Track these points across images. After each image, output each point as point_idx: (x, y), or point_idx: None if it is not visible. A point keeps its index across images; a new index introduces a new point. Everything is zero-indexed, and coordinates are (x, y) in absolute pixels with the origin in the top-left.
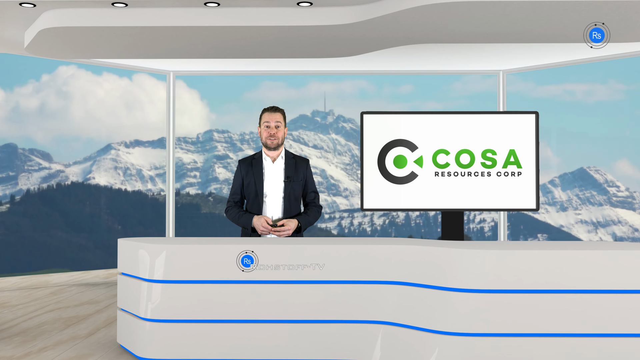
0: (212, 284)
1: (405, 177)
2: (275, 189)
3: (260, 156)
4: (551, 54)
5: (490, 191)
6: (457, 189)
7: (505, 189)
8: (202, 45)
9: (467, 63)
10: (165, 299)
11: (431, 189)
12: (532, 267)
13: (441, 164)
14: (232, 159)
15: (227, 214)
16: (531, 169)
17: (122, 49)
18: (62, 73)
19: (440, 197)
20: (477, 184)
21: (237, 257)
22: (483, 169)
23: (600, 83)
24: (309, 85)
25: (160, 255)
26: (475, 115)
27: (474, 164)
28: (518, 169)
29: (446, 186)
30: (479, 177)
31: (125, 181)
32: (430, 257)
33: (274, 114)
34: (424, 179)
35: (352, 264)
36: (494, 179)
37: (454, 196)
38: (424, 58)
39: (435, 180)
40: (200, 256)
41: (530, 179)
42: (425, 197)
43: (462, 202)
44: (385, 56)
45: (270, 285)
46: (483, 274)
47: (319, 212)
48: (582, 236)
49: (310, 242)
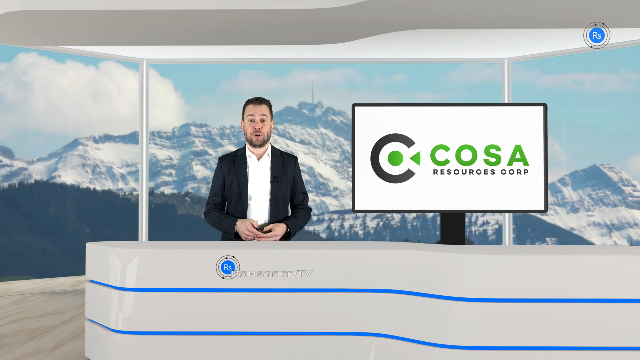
0: (189, 293)
1: (400, 176)
2: (260, 190)
3: (244, 153)
4: (561, 41)
5: (494, 191)
6: (458, 188)
7: (511, 189)
8: (179, 31)
9: (468, 50)
10: (137, 309)
11: (429, 189)
12: (540, 274)
13: (440, 161)
14: (211, 156)
15: (207, 217)
16: (539, 167)
17: (91, 34)
18: (21, 61)
19: (440, 197)
20: (479, 182)
21: (217, 262)
22: (486, 166)
23: (611, 72)
24: (291, 75)
25: (133, 260)
26: (478, 108)
27: (477, 160)
28: (524, 166)
29: (446, 185)
30: (482, 175)
31: (94, 180)
32: (428, 262)
33: (258, 107)
34: (422, 177)
35: (342, 271)
36: (498, 177)
37: (454, 196)
38: (419, 44)
39: (433, 179)
40: (176, 262)
41: (537, 178)
42: (422, 197)
43: (463, 202)
44: (376, 43)
45: (253, 293)
46: (486, 281)
47: (309, 215)
48: (595, 240)
49: (297, 246)
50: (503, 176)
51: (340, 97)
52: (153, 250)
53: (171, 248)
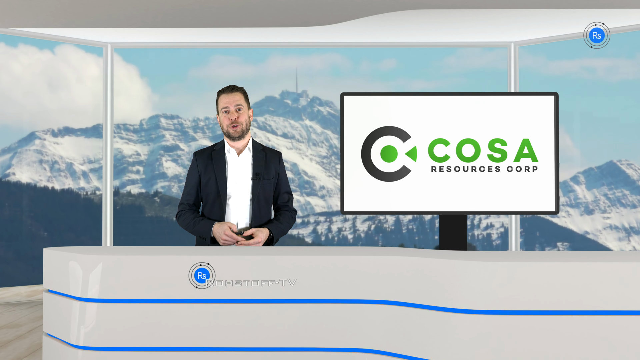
0: (158, 304)
1: (395, 173)
2: (241, 189)
3: (222, 147)
4: (574, 23)
5: (499, 190)
6: (459, 187)
7: (518, 188)
8: (148, 12)
9: (470, 33)
10: (101, 322)
11: (427, 188)
12: (550, 283)
13: (439, 156)
14: (184, 151)
15: (179, 219)
16: (549, 163)
17: (49, 15)
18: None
19: (438, 197)
20: (483, 181)
21: (190, 270)
22: (490, 162)
23: (626, 58)
24: (269, 61)
25: (96, 268)
26: (481, 97)
27: (479, 156)
28: (533, 162)
29: (445, 184)
30: (486, 172)
31: (53, 178)
32: (426, 270)
33: (232, 95)
34: (418, 175)
35: (330, 279)
36: (504, 175)
37: (454, 196)
38: (414, 27)
39: (431, 177)
40: (144, 269)
41: (548, 175)
42: (419, 197)
43: (465, 203)
44: (364, 25)
45: (230, 305)
46: (491, 291)
47: (294, 218)
48: (612, 245)
49: (279, 252)
50: (509, 174)
51: (324, 85)
52: (119, 256)
53: (139, 254)
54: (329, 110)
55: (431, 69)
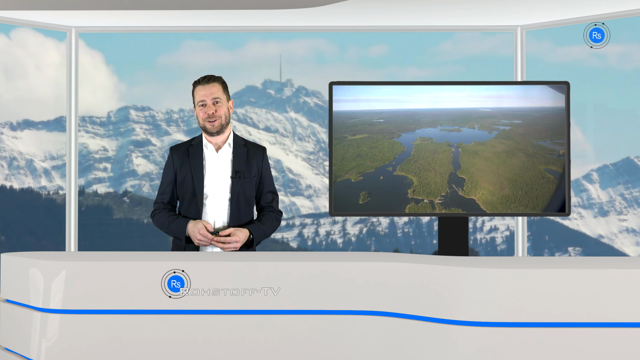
0: (128, 315)
1: None
2: (219, 188)
3: (200, 142)
4: (588, 4)
5: None
6: None
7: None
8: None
9: (470, 16)
10: (64, 336)
11: None
12: (561, 292)
13: None
14: (156, 146)
15: (154, 219)
16: (559, 160)
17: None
18: None
19: None
20: None
21: (163, 278)
22: None
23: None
24: (247, 47)
25: (59, 275)
26: (483, 87)
27: None
28: None
29: None
30: None
31: (11, 176)
32: (423, 278)
33: (208, 87)
34: None
35: (317, 288)
36: None
37: None
38: (406, 9)
39: None
40: (112, 277)
41: (558, 174)
42: None
43: (466, 204)
44: (352, 7)
45: (207, 316)
46: (495, 301)
47: (278, 220)
48: (629, 250)
49: (261, 258)
50: None
51: (307, 74)
52: (84, 262)
53: (106, 260)
54: (316, 101)
55: (425, 56)
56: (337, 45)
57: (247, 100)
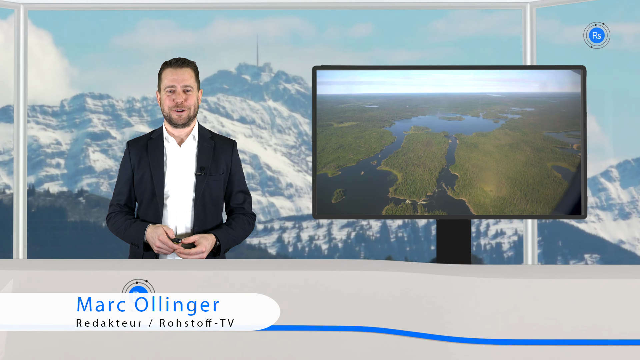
0: (85, 330)
1: None
2: (182, 187)
3: (161, 135)
4: None
5: None
6: None
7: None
8: None
9: None
10: (12, 354)
11: None
12: (576, 305)
13: None
14: (115, 139)
15: (109, 223)
16: (574, 155)
17: None
18: None
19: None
20: None
21: (123, 289)
22: None
23: None
24: (212, 26)
25: (5, 287)
26: (487, 72)
27: None
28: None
29: None
30: None
31: None
32: (420, 289)
33: (180, 72)
34: None
35: (299, 301)
36: None
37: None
38: None
39: None
40: (66, 288)
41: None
42: None
43: (468, 205)
44: None
45: (174, 333)
46: (502, 315)
47: (251, 224)
48: None
49: (237, 266)
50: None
51: (281, 56)
52: (34, 272)
53: (60, 269)
54: (298, 88)
55: (415, 36)
56: (314, 25)
57: (219, 87)
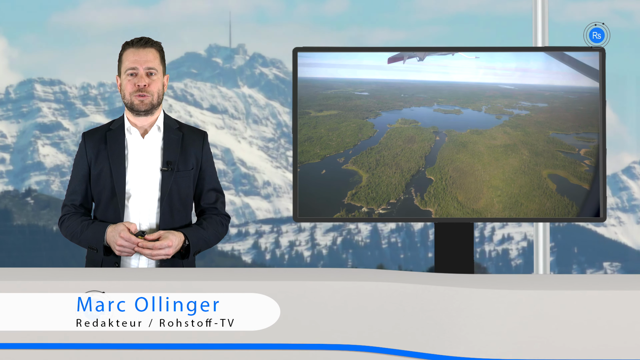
0: (33, 350)
1: None
2: (146, 184)
3: (122, 126)
4: None
5: None
6: None
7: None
8: None
9: None
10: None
11: None
12: (594, 320)
13: None
14: (68, 131)
15: (62, 227)
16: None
17: None
18: None
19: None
20: None
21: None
22: None
23: None
24: (164, 3)
25: None
26: (489, 55)
27: None
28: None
29: None
30: None
31: None
32: (416, 302)
33: (143, 52)
34: None
35: (280, 316)
36: None
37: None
38: None
39: None
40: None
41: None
42: None
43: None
44: None
45: (137, 351)
46: (508, 332)
47: (224, 225)
48: None
49: (207, 276)
50: None
51: (249, 36)
52: None
53: (4, 280)
54: (276, 72)
55: (399, 14)
56: (283, 2)
57: (186, 71)
